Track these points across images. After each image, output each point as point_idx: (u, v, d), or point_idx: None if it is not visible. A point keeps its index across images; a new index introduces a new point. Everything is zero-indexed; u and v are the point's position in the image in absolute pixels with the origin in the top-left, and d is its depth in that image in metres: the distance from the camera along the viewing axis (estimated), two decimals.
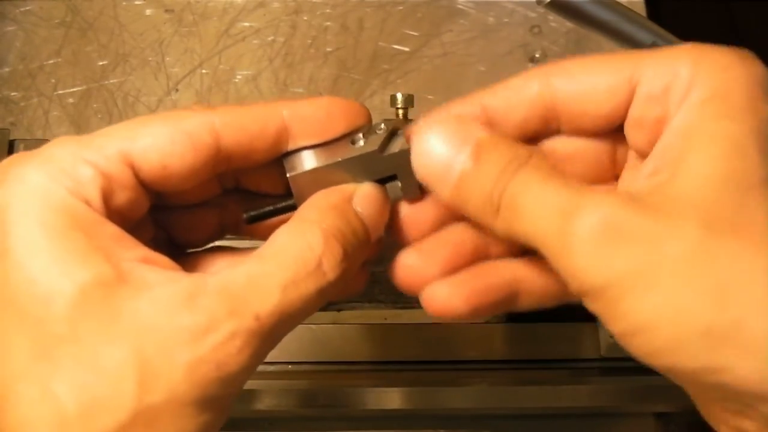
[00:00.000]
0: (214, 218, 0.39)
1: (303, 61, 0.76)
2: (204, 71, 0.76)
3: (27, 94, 0.74)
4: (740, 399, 0.30)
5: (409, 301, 0.65)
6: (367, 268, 0.40)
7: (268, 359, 0.60)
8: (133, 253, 0.32)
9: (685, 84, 0.32)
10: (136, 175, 0.34)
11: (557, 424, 0.62)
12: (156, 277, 0.32)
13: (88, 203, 0.32)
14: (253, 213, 0.38)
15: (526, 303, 0.38)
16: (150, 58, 0.76)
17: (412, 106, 0.49)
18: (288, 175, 0.37)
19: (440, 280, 0.37)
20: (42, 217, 0.31)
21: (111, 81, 0.75)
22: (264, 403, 0.60)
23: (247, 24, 0.78)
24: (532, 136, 0.37)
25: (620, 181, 0.37)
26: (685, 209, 0.30)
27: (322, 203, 0.36)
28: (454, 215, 0.38)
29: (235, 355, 0.31)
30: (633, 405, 0.62)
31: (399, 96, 0.49)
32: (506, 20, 0.78)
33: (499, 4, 0.79)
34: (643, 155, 0.35)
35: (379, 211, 0.37)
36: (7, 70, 0.75)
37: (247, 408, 0.59)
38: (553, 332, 0.62)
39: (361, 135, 0.37)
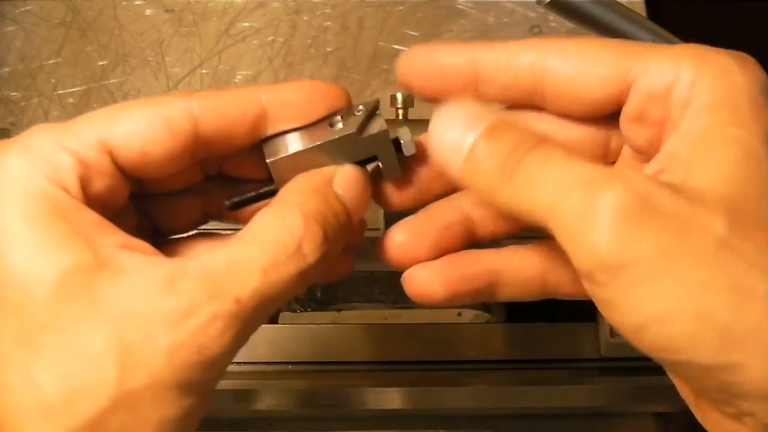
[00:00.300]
0: (196, 205, 0.39)
1: (303, 61, 0.76)
2: (204, 71, 0.76)
3: (27, 94, 0.74)
4: (743, 402, 0.30)
5: (409, 301, 0.65)
6: (351, 249, 0.39)
7: (268, 359, 0.61)
8: (113, 239, 0.32)
9: (686, 87, 0.32)
10: (115, 161, 0.34)
11: (557, 424, 0.62)
12: (136, 263, 0.32)
13: (66, 190, 0.32)
14: (235, 199, 0.38)
15: (504, 294, 0.39)
16: (150, 58, 0.76)
17: (412, 106, 0.49)
18: (267, 161, 0.36)
19: (421, 265, 0.38)
20: (21, 204, 0.31)
21: (111, 81, 0.75)
22: (264, 403, 0.60)
23: (247, 24, 0.78)
24: (515, 103, 0.36)
25: None
26: (711, 202, 0.29)
27: (302, 186, 0.36)
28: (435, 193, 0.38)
29: (217, 338, 0.31)
30: (633, 405, 0.62)
31: (399, 96, 0.49)
32: (506, 20, 0.78)
33: (499, 4, 0.79)
34: (640, 152, 0.35)
35: (360, 193, 0.37)
36: (7, 70, 0.75)
37: (247, 408, 0.59)
38: (553, 332, 0.62)
39: (339, 117, 0.37)
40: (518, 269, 0.38)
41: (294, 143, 0.36)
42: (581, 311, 0.63)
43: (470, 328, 0.64)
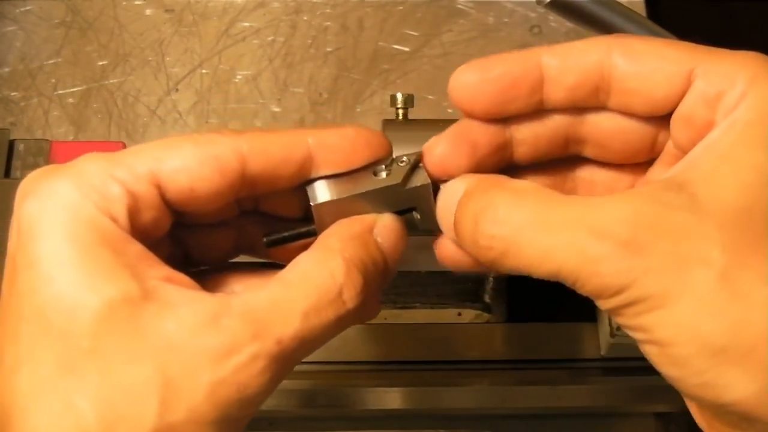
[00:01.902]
0: (230, 238, 0.40)
1: (303, 61, 0.77)
2: (204, 71, 0.76)
3: (27, 94, 0.74)
4: (739, 415, 0.30)
5: (409, 301, 0.65)
6: (380, 295, 0.40)
7: None
8: (157, 271, 0.33)
9: (737, 96, 0.32)
10: (162, 195, 0.34)
11: (557, 424, 0.62)
12: (180, 297, 0.32)
13: (115, 220, 0.33)
14: (273, 237, 0.38)
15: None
16: (150, 58, 0.76)
17: (412, 106, 0.49)
18: (312, 204, 0.37)
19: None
20: (71, 231, 0.32)
21: (111, 81, 0.75)
22: (264, 403, 0.60)
23: (247, 24, 0.78)
24: (579, 105, 0.36)
25: (652, 167, 0.38)
26: (711, 232, 0.30)
27: (344, 233, 0.36)
28: None
29: (256, 377, 0.32)
30: (633, 405, 0.62)
31: (399, 96, 0.49)
32: (506, 20, 0.78)
33: (499, 4, 0.79)
34: (682, 150, 0.35)
35: (398, 242, 0.38)
36: (7, 70, 0.75)
37: None
38: (553, 332, 0.62)
39: (383, 166, 0.38)
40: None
41: (338, 189, 0.37)
42: (581, 311, 0.63)
43: (470, 328, 0.64)
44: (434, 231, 0.38)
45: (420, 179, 0.37)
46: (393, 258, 0.37)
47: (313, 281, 0.34)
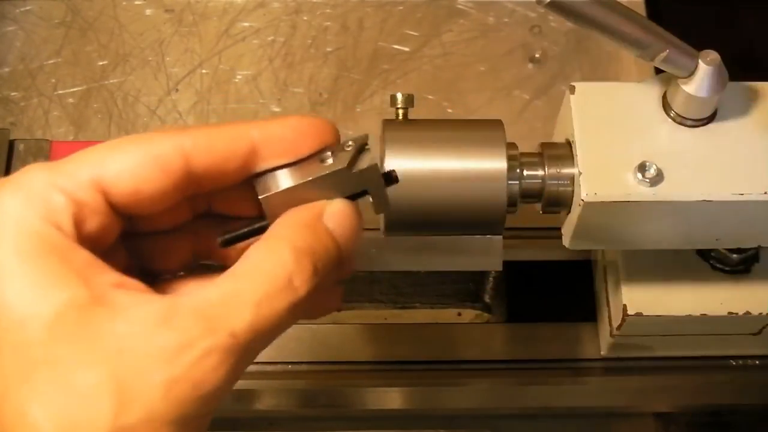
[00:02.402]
0: (186, 244, 0.39)
1: (303, 61, 0.76)
2: (204, 71, 0.76)
3: (27, 94, 0.74)
4: None
5: (409, 301, 0.65)
6: (340, 285, 0.40)
7: (268, 359, 0.61)
8: (107, 277, 0.32)
9: None
10: (108, 199, 0.34)
11: (557, 424, 0.62)
12: (130, 300, 0.32)
13: (60, 229, 0.32)
14: (227, 236, 0.38)
15: None
16: (150, 58, 0.76)
17: (412, 106, 0.49)
18: (259, 197, 0.37)
19: None
20: (15, 242, 0.32)
21: (111, 81, 0.75)
22: (264, 403, 0.60)
23: (247, 24, 0.78)
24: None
25: None
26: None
27: (292, 221, 0.36)
28: None
29: (212, 373, 0.31)
30: (633, 405, 0.62)
31: (399, 96, 0.48)
32: (506, 20, 0.78)
33: (499, 4, 0.79)
34: None
35: (350, 227, 0.37)
36: (7, 70, 0.75)
37: (247, 408, 0.59)
38: (553, 332, 0.62)
39: (329, 153, 0.37)
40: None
41: (285, 179, 0.37)
42: (581, 311, 0.63)
43: (470, 328, 0.64)
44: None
45: (366, 161, 0.37)
46: (346, 243, 0.37)
47: (263, 271, 0.33)
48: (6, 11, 0.77)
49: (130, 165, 0.34)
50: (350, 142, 0.37)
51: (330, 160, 0.37)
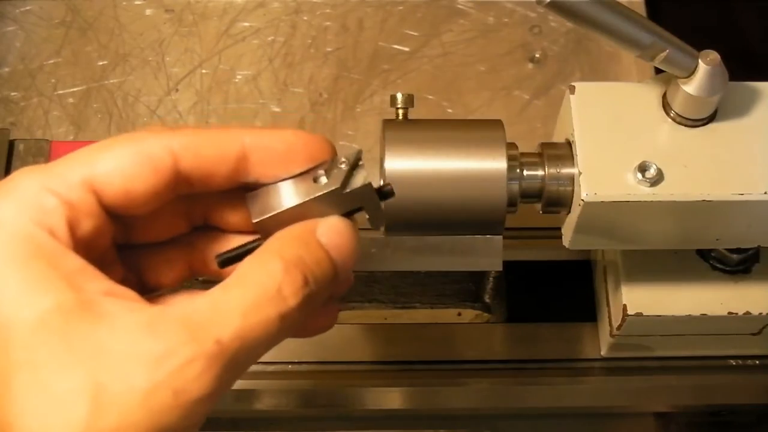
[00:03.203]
0: (182, 257, 0.39)
1: (303, 61, 0.77)
2: (204, 71, 0.76)
3: (27, 94, 0.74)
4: None
5: (409, 301, 0.65)
6: (336, 303, 0.40)
7: (268, 359, 0.61)
8: (98, 284, 0.32)
9: None
10: (100, 200, 0.34)
11: (557, 424, 0.62)
12: (118, 307, 0.32)
13: (52, 233, 0.32)
14: (225, 256, 0.38)
15: None
16: (150, 58, 0.76)
17: (412, 106, 0.49)
18: (253, 221, 0.37)
19: None
20: (6, 247, 0.32)
21: (111, 81, 0.75)
22: (264, 403, 0.60)
23: (247, 24, 0.78)
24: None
25: None
26: None
27: (285, 235, 0.36)
28: None
29: (194, 381, 0.31)
30: (633, 405, 0.62)
31: (399, 96, 0.48)
32: (506, 20, 0.78)
33: (499, 4, 0.79)
34: None
35: (345, 242, 0.37)
36: (7, 70, 0.75)
37: (247, 408, 0.59)
38: (553, 332, 0.62)
39: (323, 171, 0.37)
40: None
41: (278, 200, 0.37)
42: (581, 311, 0.63)
43: (470, 328, 0.64)
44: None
45: (360, 179, 0.37)
46: (341, 257, 0.36)
47: (251, 280, 0.33)
48: (6, 11, 0.77)
49: (121, 164, 0.34)
50: (343, 159, 0.37)
51: (323, 179, 0.37)
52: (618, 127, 0.48)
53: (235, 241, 0.38)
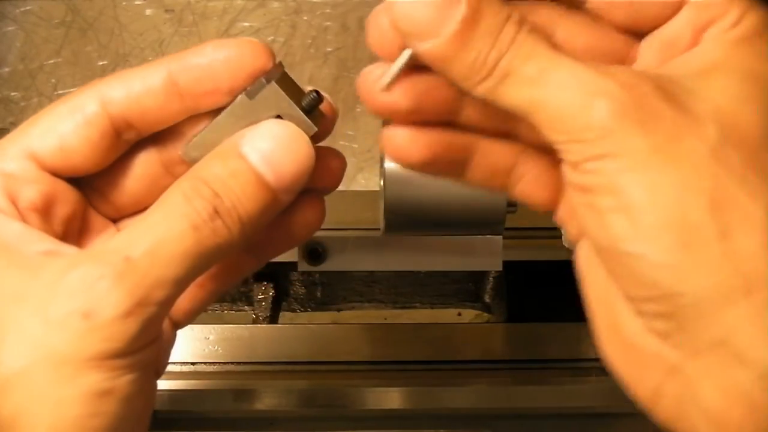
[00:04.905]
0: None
1: (303, 61, 0.77)
2: None
3: (27, 94, 0.74)
4: (679, 314, 0.30)
5: (409, 301, 0.65)
6: (317, 196, 0.38)
7: (268, 359, 0.61)
8: (37, 246, 0.33)
9: (728, 24, 0.31)
10: (42, 165, 0.35)
11: (557, 424, 0.62)
12: (51, 260, 0.32)
13: None
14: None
15: (472, 176, 0.37)
16: (150, 58, 0.76)
17: None
18: (179, 153, 0.36)
19: (404, 126, 0.36)
20: None
21: None
22: (264, 403, 0.60)
23: (247, 24, 0.78)
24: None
25: None
26: (705, 112, 0.29)
27: (207, 156, 0.35)
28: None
29: (103, 299, 0.30)
30: (633, 405, 0.62)
31: None
32: None
33: None
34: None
35: (281, 144, 0.35)
36: (7, 70, 0.75)
37: (247, 408, 0.59)
38: (553, 332, 0.62)
39: (243, 92, 0.36)
40: (490, 155, 0.36)
41: (208, 129, 0.36)
42: (581, 311, 0.63)
43: (470, 328, 0.64)
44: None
45: (265, 86, 0.35)
46: (278, 160, 0.34)
47: (161, 202, 0.33)
48: (6, 11, 0.77)
49: (52, 123, 0.35)
50: (263, 79, 0.36)
51: (241, 95, 0.35)
52: None
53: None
